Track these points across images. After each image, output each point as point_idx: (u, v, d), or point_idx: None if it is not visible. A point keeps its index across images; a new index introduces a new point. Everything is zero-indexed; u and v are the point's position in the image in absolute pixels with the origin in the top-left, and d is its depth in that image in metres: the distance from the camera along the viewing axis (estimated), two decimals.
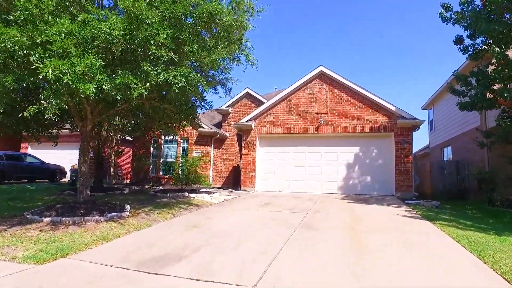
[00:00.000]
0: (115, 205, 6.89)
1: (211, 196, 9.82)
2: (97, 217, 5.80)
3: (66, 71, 3.88)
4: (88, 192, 6.73)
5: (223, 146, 16.05)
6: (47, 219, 5.48)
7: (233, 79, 8.07)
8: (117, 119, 9.76)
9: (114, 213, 6.11)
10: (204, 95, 8.06)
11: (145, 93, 4.53)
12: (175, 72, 4.98)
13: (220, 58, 6.41)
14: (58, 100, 4.10)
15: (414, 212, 7.56)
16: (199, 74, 5.65)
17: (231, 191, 12.03)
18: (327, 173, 12.01)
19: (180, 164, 11.74)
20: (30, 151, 18.31)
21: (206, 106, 8.55)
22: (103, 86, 4.33)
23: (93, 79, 4.19)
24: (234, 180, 15.10)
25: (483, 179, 10.01)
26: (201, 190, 11.42)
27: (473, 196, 12.61)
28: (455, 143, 15.21)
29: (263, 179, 12.63)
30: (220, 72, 7.67)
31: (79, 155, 6.64)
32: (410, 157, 11.12)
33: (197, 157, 12.54)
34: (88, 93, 4.05)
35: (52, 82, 3.78)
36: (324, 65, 12.22)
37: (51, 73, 3.72)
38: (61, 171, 15.80)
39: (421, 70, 59.23)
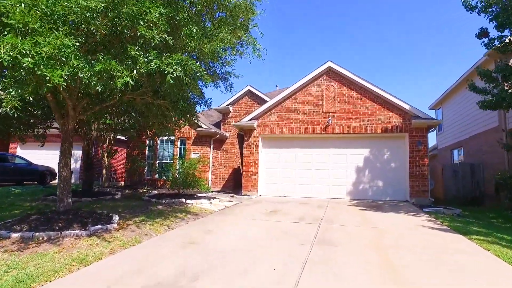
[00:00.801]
0: (101, 215, 6.02)
1: (210, 203, 8.95)
2: (77, 231, 4.93)
3: (28, 52, 3.01)
4: (70, 200, 5.84)
5: (223, 147, 15.18)
6: (16, 235, 4.59)
7: (234, 73, 7.22)
8: (108, 117, 8.86)
9: (99, 226, 5.24)
10: (202, 90, 7.21)
11: (131, 82, 3.66)
12: (169, 60, 4.12)
13: (222, 47, 5.57)
14: (19, 91, 3.23)
15: (439, 222, 6.74)
16: (198, 64, 4.80)
17: (232, 196, 11.17)
18: (335, 176, 11.16)
19: (177, 167, 10.87)
20: (19, 151, 17.35)
21: (205, 104, 7.73)
22: (79, 74, 3.46)
23: (66, 65, 3.32)
24: (235, 183, 14.22)
25: (506, 183, 9.20)
26: (199, 195, 10.54)
27: (489, 201, 11.81)
28: (468, 144, 14.41)
29: (266, 183, 11.77)
30: (221, 65, 6.81)
31: (59, 157, 5.75)
32: (426, 159, 10.29)
33: (196, 158, 11.67)
34: (57, 81, 3.18)
35: (6, 64, 2.91)
36: (332, 60, 11.38)
37: (6, 54, 2.86)
38: (51, 173, 14.87)
39: (422, 70, 58.56)
